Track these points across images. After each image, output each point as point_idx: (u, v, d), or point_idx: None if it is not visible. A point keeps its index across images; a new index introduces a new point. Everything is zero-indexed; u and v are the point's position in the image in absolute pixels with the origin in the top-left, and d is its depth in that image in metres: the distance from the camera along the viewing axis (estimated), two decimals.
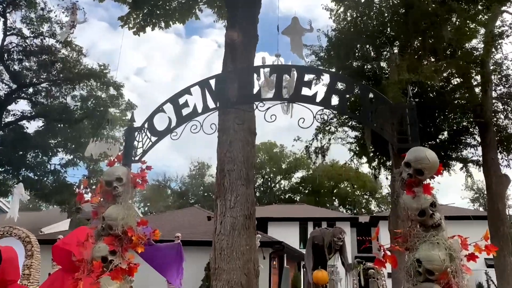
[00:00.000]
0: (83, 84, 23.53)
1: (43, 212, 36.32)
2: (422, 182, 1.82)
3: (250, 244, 8.79)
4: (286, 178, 55.41)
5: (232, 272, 8.27)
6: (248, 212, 9.01)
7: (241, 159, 9.18)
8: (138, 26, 13.10)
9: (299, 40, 6.73)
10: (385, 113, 2.17)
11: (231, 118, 9.57)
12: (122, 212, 2.13)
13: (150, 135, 2.33)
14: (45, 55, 22.12)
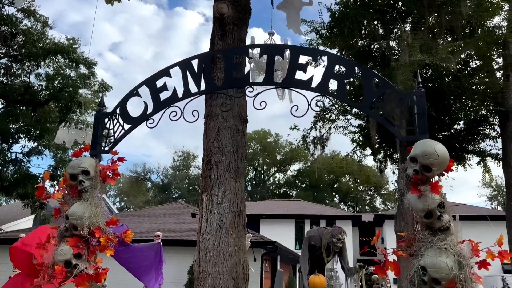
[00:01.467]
0: (48, 60, 23.22)
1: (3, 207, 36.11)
2: (430, 180, 1.82)
3: (239, 245, 8.82)
4: (281, 171, 55.56)
5: (218, 276, 8.32)
6: (238, 209, 9.02)
7: (230, 149, 9.16)
8: None
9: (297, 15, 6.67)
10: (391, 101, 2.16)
11: (219, 103, 9.53)
12: (89, 210, 2.11)
13: (122, 122, 2.31)
14: (4, 26, 21.78)
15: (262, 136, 53.60)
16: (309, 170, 52.08)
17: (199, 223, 9.07)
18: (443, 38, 10.95)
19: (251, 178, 54.74)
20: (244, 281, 8.92)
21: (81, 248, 2.11)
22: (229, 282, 8.40)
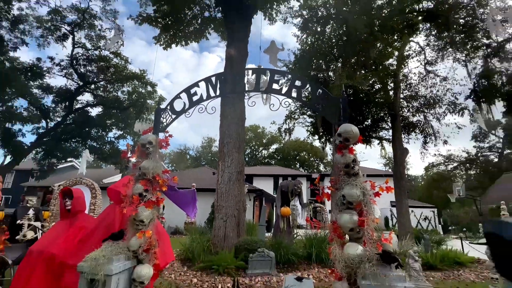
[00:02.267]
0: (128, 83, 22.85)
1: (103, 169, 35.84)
2: (348, 147, 1.85)
3: (240, 190, 8.91)
4: (266, 149, 55.77)
5: (228, 208, 8.40)
6: (240, 170, 9.09)
7: (235, 135, 9.17)
8: (167, 43, 12.75)
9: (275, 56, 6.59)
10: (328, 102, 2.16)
11: (228, 108, 9.51)
12: (152, 164, 2.11)
13: (171, 113, 2.29)
14: (102, 62, 21.30)
15: (254, 128, 53.70)
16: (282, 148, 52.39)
17: (217, 178, 9.10)
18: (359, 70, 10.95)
19: (248, 153, 54.90)
20: (243, 210, 8.97)
21: (148, 186, 2.11)
22: (234, 211, 8.46)
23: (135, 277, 1.87)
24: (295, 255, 7.44)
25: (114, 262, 1.75)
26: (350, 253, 1.58)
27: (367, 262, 1.52)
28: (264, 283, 6.14)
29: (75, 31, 20.58)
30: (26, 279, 2.83)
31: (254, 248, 7.24)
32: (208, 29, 13.13)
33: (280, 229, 8.63)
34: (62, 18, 19.94)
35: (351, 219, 1.65)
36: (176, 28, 12.43)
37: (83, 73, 21.72)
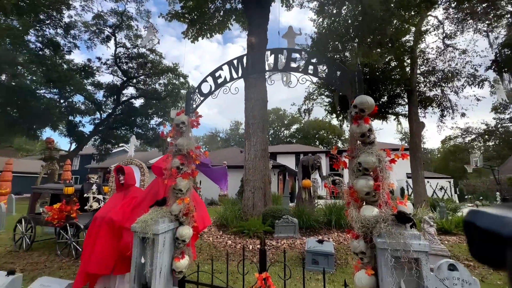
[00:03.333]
0: (164, 75, 23.31)
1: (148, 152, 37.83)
2: (364, 117, 1.74)
3: (265, 166, 8.99)
4: (287, 129, 55.07)
5: (255, 181, 8.56)
6: (264, 148, 9.12)
7: (259, 116, 9.12)
8: (194, 37, 12.70)
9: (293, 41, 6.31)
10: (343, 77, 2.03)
11: (251, 92, 9.41)
12: (186, 141, 2.15)
13: (199, 96, 2.29)
14: (140, 58, 21.81)
15: (276, 111, 53.03)
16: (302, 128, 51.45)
17: (244, 156, 9.19)
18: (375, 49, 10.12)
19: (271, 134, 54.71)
20: (268, 183, 9.06)
21: (184, 160, 2.17)
22: (261, 183, 8.56)
23: (178, 236, 1.98)
24: (316, 222, 7.49)
25: (160, 224, 1.86)
26: (366, 215, 1.54)
27: (382, 222, 1.47)
28: (289, 245, 6.30)
29: (116, 32, 21.11)
30: (94, 239, 3.14)
31: (279, 215, 7.39)
32: (230, 20, 12.85)
33: (302, 199, 8.65)
34: (104, 21, 20.49)
35: (367, 183, 1.58)
36: (201, 22, 12.28)
37: (125, 70, 22.49)
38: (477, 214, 0.42)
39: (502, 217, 0.38)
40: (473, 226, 0.41)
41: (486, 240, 0.39)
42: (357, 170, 1.67)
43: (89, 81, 21.64)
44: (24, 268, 4.64)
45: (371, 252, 1.55)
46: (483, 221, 0.40)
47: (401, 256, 1.33)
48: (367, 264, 1.56)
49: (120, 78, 23.02)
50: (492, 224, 0.39)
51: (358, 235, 1.57)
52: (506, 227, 0.37)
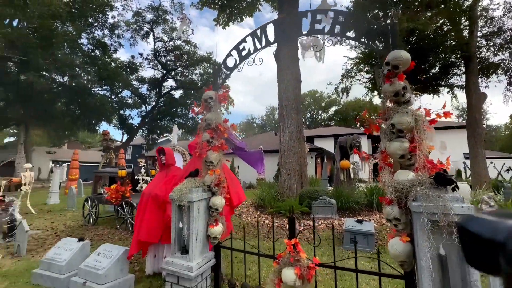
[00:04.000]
0: (199, 65, 24.01)
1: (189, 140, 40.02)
2: (398, 74, 1.57)
3: (301, 147, 8.85)
4: (325, 112, 52.86)
5: (291, 163, 8.52)
6: (299, 129, 8.95)
7: (292, 97, 8.92)
8: (225, 22, 12.75)
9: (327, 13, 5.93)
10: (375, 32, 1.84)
11: (284, 74, 9.18)
12: (214, 116, 2.23)
13: (225, 70, 2.32)
14: (177, 50, 22.74)
15: (313, 93, 51.11)
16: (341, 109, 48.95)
17: (279, 138, 9.15)
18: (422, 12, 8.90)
19: (308, 117, 53.20)
20: (304, 165, 8.94)
21: (213, 134, 2.25)
22: (297, 165, 8.49)
23: (211, 205, 2.10)
24: (356, 203, 7.22)
25: (194, 193, 1.99)
26: (401, 179, 1.43)
27: (418, 186, 1.35)
28: (326, 225, 6.22)
29: (153, 27, 22.25)
30: (143, 212, 3.51)
31: (316, 196, 7.30)
32: (260, 1, 12.53)
33: (340, 180, 8.38)
34: (143, 18, 21.69)
35: (401, 146, 1.46)
36: (231, 6, 12.24)
37: (164, 63, 23.74)
38: (471, 220, 0.42)
39: (495, 223, 0.39)
40: (466, 231, 0.42)
41: (480, 245, 0.39)
42: (390, 132, 1.54)
43: (134, 76, 23.44)
44: (91, 238, 5.44)
45: (406, 218, 1.45)
46: (477, 227, 0.40)
47: (439, 220, 1.22)
48: (402, 231, 1.47)
49: (160, 71, 24.43)
50: (485, 230, 0.39)
51: (391, 200, 1.48)
52: (499, 232, 0.37)
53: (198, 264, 1.96)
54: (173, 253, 2.03)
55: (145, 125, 24.93)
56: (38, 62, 14.24)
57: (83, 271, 3.29)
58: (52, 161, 27.14)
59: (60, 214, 8.28)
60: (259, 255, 1.94)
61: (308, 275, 1.64)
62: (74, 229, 6.26)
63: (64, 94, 18.22)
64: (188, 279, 1.88)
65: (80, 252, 3.67)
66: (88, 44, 19.67)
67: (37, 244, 5.22)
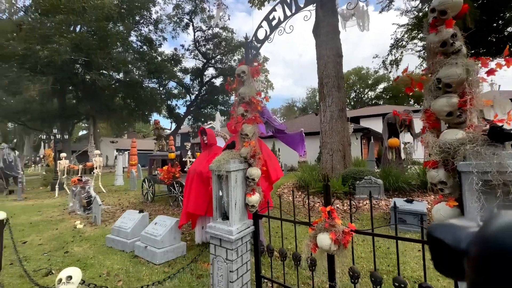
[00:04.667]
0: (237, 51, 24.14)
1: None
2: (445, 21, 1.38)
3: (343, 127, 8.44)
4: (372, 90, 48.70)
5: (333, 143, 8.22)
6: (341, 107, 8.50)
7: (333, 74, 8.45)
8: (260, 3, 12.46)
9: None
10: None
11: (323, 49, 8.69)
12: (248, 89, 2.27)
13: (256, 43, 2.32)
14: (215, 38, 23.18)
15: (358, 70, 47.25)
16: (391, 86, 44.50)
17: (319, 118, 8.85)
18: None
19: (353, 97, 49.76)
20: (348, 145, 8.57)
21: (247, 107, 2.30)
22: (339, 145, 8.19)
23: (248, 175, 2.20)
24: (406, 183, 6.70)
25: (231, 163, 2.10)
26: (448, 138, 1.30)
27: (468, 144, 1.21)
28: (373, 205, 5.94)
29: (192, 18, 22.96)
30: (189, 187, 3.85)
31: (360, 177, 6.98)
32: None
33: (388, 160, 7.81)
34: (182, 10, 22.51)
35: (449, 101, 1.30)
36: None
37: (204, 52, 24.51)
38: (439, 227, 0.44)
39: (459, 230, 0.41)
40: (433, 238, 0.43)
41: (446, 253, 0.41)
42: (435, 88, 1.38)
43: (178, 68, 24.80)
44: (150, 213, 6.18)
45: (453, 181, 1.32)
46: (442, 234, 0.42)
47: (493, 178, 1.09)
48: (449, 195, 1.35)
49: (201, 61, 25.34)
50: (449, 237, 0.41)
51: (436, 163, 1.36)
52: (462, 240, 0.39)
53: (238, 229, 2.10)
54: (215, 219, 2.21)
55: (191, 113, 26.46)
56: (98, 62, 16.07)
57: (144, 237, 3.81)
58: (116, 150, 30.94)
59: (124, 193, 9.55)
60: (295, 223, 1.99)
61: (344, 240, 1.64)
62: (136, 205, 7.18)
63: (120, 89, 20.34)
64: (229, 241, 2.04)
65: (140, 222, 4.24)
66: (137, 41, 21.35)
67: (109, 216, 6.15)
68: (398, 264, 1.62)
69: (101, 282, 3.04)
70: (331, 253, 1.72)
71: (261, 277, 2.31)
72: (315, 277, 2.69)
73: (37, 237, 4.82)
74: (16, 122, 21.92)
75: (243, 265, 2.20)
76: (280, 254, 2.19)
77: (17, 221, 5.83)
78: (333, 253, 1.71)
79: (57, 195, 9.40)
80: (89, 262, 3.59)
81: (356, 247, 3.80)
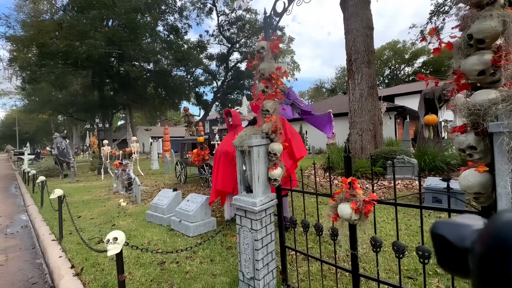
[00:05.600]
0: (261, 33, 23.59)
1: None
2: None
3: (374, 105, 8.01)
4: (409, 65, 44.69)
5: (363, 123, 7.88)
6: (371, 84, 8.04)
7: (363, 49, 7.94)
8: None
9: None
10: None
11: (352, 22, 8.14)
12: (267, 65, 2.28)
13: (274, 17, 2.29)
14: (239, 21, 22.85)
15: (393, 44, 43.38)
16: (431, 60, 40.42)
17: (348, 97, 8.49)
18: None
19: (387, 75, 46.23)
20: (379, 123, 8.16)
21: (267, 83, 2.32)
22: (369, 125, 7.85)
23: (270, 150, 2.26)
24: (444, 163, 6.25)
25: (253, 138, 2.17)
26: (478, 99, 1.21)
27: (501, 103, 1.12)
28: (405, 185, 5.69)
29: (215, 2, 22.77)
30: (217, 166, 4.04)
31: (392, 156, 6.66)
32: None
33: (425, 139, 7.31)
34: None
35: (481, 59, 1.19)
36: None
37: (228, 36, 24.38)
38: (442, 224, 0.44)
39: (463, 227, 0.41)
40: (437, 236, 0.43)
41: (450, 250, 0.41)
42: (465, 46, 1.27)
43: (203, 55, 25.12)
44: (183, 192, 6.62)
45: (483, 146, 1.24)
46: (446, 232, 0.42)
47: None
48: (479, 161, 1.27)
49: (226, 46, 25.32)
50: (454, 235, 0.41)
51: (465, 127, 1.28)
52: (466, 237, 0.39)
53: (262, 201, 2.20)
54: (240, 192, 2.33)
55: (217, 100, 26.94)
56: (130, 54, 16.92)
57: (178, 213, 4.14)
58: (151, 137, 32.96)
59: (160, 176, 10.28)
60: (317, 195, 2.03)
61: (365, 209, 1.65)
62: (170, 186, 7.72)
63: (151, 79, 21.32)
64: (253, 212, 2.15)
65: (174, 199, 4.59)
66: (164, 31, 21.91)
67: (147, 195, 6.73)
68: (422, 233, 1.59)
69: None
70: (352, 223, 1.75)
71: (285, 247, 2.42)
72: (337, 248, 2.73)
73: (89, 212, 5.48)
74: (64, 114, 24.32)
75: (268, 235, 2.31)
76: (303, 225, 2.26)
77: (72, 200, 6.65)
78: (354, 223, 1.73)
79: (103, 178, 10.45)
80: (133, 233, 4.03)
81: (385, 225, 3.73)
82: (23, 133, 47.56)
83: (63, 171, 11.75)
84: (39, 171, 11.27)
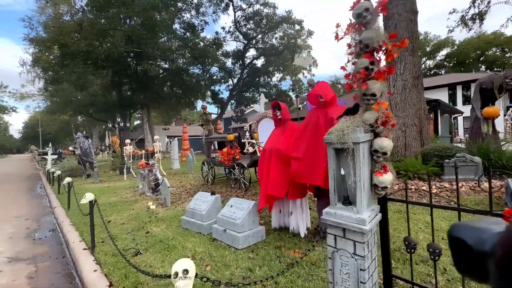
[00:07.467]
0: (278, 28, 22.91)
1: None
2: None
3: (419, 97, 7.22)
4: (430, 58, 42.61)
5: (406, 117, 7.10)
6: (416, 75, 7.24)
7: (406, 35, 7.14)
8: None
9: None
10: None
11: (394, 6, 7.36)
12: (375, 33, 1.68)
13: None
14: (256, 16, 22.24)
15: None
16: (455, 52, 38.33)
17: (388, 89, 7.70)
18: None
19: None
20: (425, 118, 7.35)
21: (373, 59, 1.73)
22: (414, 119, 7.06)
23: (377, 148, 1.67)
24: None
25: (358, 132, 1.59)
26: None
27: None
28: (471, 188, 4.93)
29: None
30: (267, 168, 3.48)
31: (447, 155, 5.90)
32: None
33: (482, 134, 6.46)
34: None
35: None
36: None
37: (245, 32, 23.81)
38: (460, 227, 0.42)
39: (481, 231, 0.39)
40: (456, 239, 0.41)
41: (469, 255, 0.39)
42: None
43: (219, 52, 24.69)
44: None
45: None
46: (464, 236, 0.40)
47: None
48: None
49: (242, 42, 24.76)
50: (472, 239, 0.39)
51: None
52: (486, 241, 0.38)
53: (370, 217, 1.61)
54: (334, 204, 1.76)
55: (233, 98, 26.48)
56: (149, 52, 16.69)
57: (221, 220, 3.61)
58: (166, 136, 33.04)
59: (184, 176, 9.88)
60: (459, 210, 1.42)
61: None
62: (198, 187, 7.26)
63: (168, 78, 21.11)
64: (360, 232, 1.57)
65: (214, 204, 4.08)
66: (180, 29, 21.63)
67: (175, 197, 6.29)
68: None
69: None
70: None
71: (392, 276, 1.82)
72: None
73: (119, 216, 5.09)
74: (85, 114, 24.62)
75: (372, 262, 1.73)
76: (406, 244, 1.67)
77: (99, 202, 6.30)
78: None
79: (126, 178, 10.18)
80: (171, 243, 3.55)
81: None
82: (46, 134, 49.24)
83: (86, 171, 11.63)
84: (63, 171, 11.19)
